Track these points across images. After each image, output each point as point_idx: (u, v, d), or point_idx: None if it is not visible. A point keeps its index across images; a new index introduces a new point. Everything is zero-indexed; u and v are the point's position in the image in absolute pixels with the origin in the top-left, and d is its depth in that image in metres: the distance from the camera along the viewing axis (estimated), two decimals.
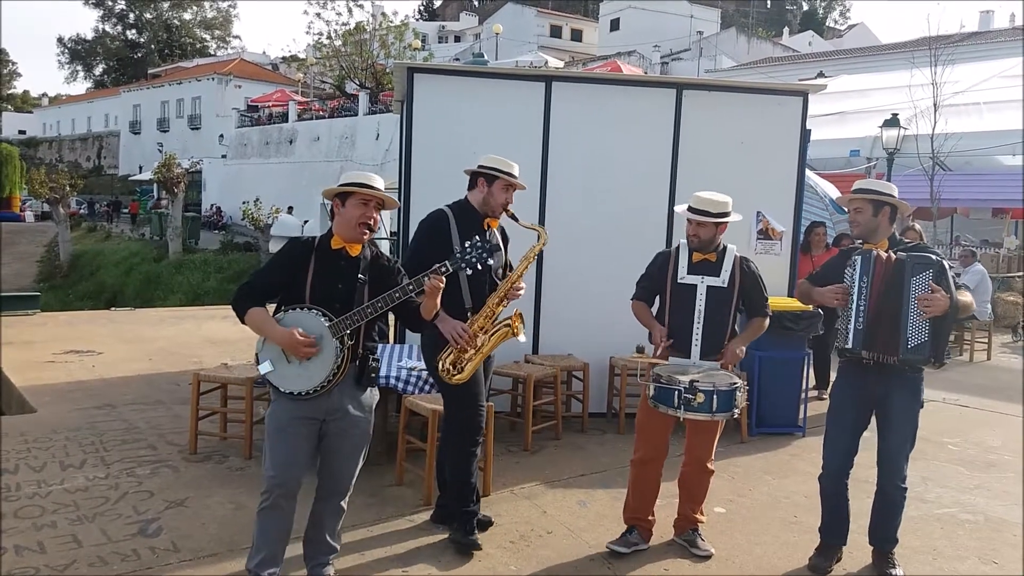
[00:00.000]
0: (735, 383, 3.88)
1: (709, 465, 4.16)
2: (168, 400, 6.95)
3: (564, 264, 6.18)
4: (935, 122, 15.83)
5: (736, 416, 4.01)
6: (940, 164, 15.97)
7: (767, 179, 6.72)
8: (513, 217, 4.13)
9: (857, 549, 4.10)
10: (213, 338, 10.10)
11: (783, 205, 6.79)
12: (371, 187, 3.42)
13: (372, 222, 3.40)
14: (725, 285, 4.06)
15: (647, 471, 4.15)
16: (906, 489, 3.91)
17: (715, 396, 3.80)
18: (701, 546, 4.14)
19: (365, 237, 3.44)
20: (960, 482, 5.46)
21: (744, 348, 4.06)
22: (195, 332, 10.66)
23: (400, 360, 5.43)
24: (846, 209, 4.02)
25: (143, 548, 4.00)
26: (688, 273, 4.08)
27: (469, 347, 3.88)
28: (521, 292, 4.07)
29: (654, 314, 4.20)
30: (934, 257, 3.71)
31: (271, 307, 3.47)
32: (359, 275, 3.43)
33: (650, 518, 4.22)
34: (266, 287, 3.47)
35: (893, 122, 15.39)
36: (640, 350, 6.25)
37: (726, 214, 4.07)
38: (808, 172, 8.35)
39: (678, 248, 4.18)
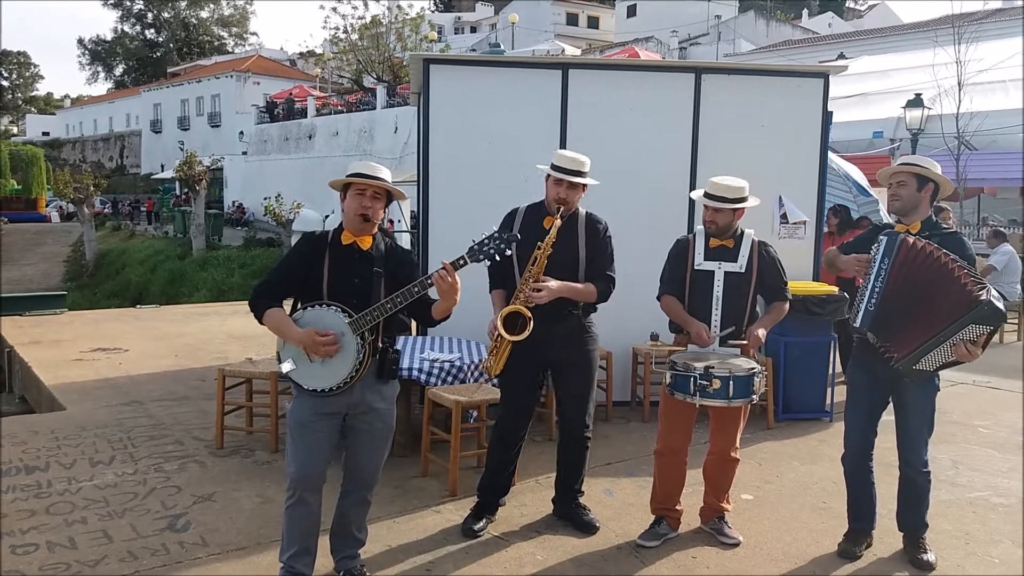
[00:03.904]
0: (753, 368, 3.83)
1: (734, 454, 4.12)
2: (194, 396, 7.01)
3: None
4: (959, 101, 15.59)
5: (755, 402, 3.95)
6: (965, 144, 15.74)
7: (789, 163, 6.64)
8: (561, 207, 3.94)
9: (888, 535, 4.05)
10: (237, 333, 10.17)
11: (806, 188, 6.71)
12: (366, 176, 3.36)
13: (370, 212, 3.34)
14: (743, 270, 4.02)
15: (671, 462, 4.12)
16: (929, 473, 3.85)
17: (731, 382, 3.76)
18: (729, 534, 4.11)
19: (367, 227, 3.38)
20: (992, 465, 5.38)
21: (766, 331, 4.01)
22: (219, 328, 10.75)
23: (423, 352, 5.43)
24: (888, 184, 3.87)
25: (172, 543, 4.03)
26: (705, 259, 4.04)
27: (492, 341, 3.94)
28: (542, 295, 3.84)
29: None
30: (1002, 308, 3.44)
31: (289, 303, 3.46)
32: (375, 268, 3.40)
33: (678, 508, 4.19)
34: (281, 285, 3.43)
35: (916, 102, 15.19)
36: (655, 337, 6.21)
37: (743, 199, 4.02)
38: (831, 155, 8.23)
39: (695, 235, 4.14)
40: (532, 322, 3.80)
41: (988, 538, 4.22)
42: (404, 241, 17.13)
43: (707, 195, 4.02)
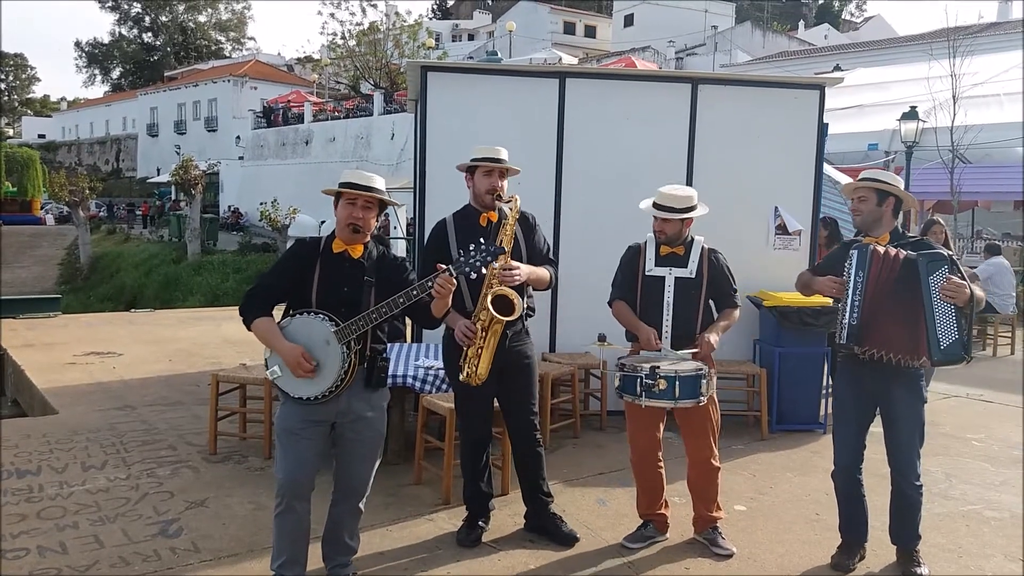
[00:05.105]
0: (700, 369, 3.85)
1: (713, 462, 4.10)
2: (188, 401, 6.99)
3: (580, 261, 6.14)
4: (954, 114, 15.65)
5: (703, 403, 3.92)
6: (960, 157, 15.79)
7: (784, 174, 6.65)
8: (498, 198, 3.98)
9: (882, 547, 4.05)
10: (231, 338, 10.14)
11: (801, 200, 6.72)
12: (356, 186, 3.36)
13: (361, 223, 3.35)
14: (693, 276, 4.06)
15: (645, 467, 4.15)
16: (921, 486, 3.85)
17: (677, 382, 3.78)
18: (722, 544, 4.10)
19: (358, 237, 3.39)
20: (985, 478, 5.39)
21: (718, 336, 4.00)
22: (214, 333, 10.72)
23: (417, 359, 5.42)
24: (849, 199, 3.97)
25: (164, 549, 4.02)
26: (656, 265, 4.09)
27: (474, 343, 3.85)
28: (516, 275, 3.82)
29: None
30: (945, 252, 3.67)
31: (280, 309, 3.46)
32: (365, 277, 3.40)
33: (661, 511, 4.22)
34: (273, 291, 3.45)
35: (911, 115, 15.22)
36: (602, 338, 6.17)
37: (691, 208, 4.06)
38: (826, 166, 8.26)
39: (646, 241, 4.18)
40: (518, 302, 3.80)
41: (981, 552, 4.22)
42: (400, 248, 17.13)
43: (656, 206, 4.06)
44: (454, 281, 3.30)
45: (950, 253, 3.70)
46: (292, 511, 3.39)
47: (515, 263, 3.88)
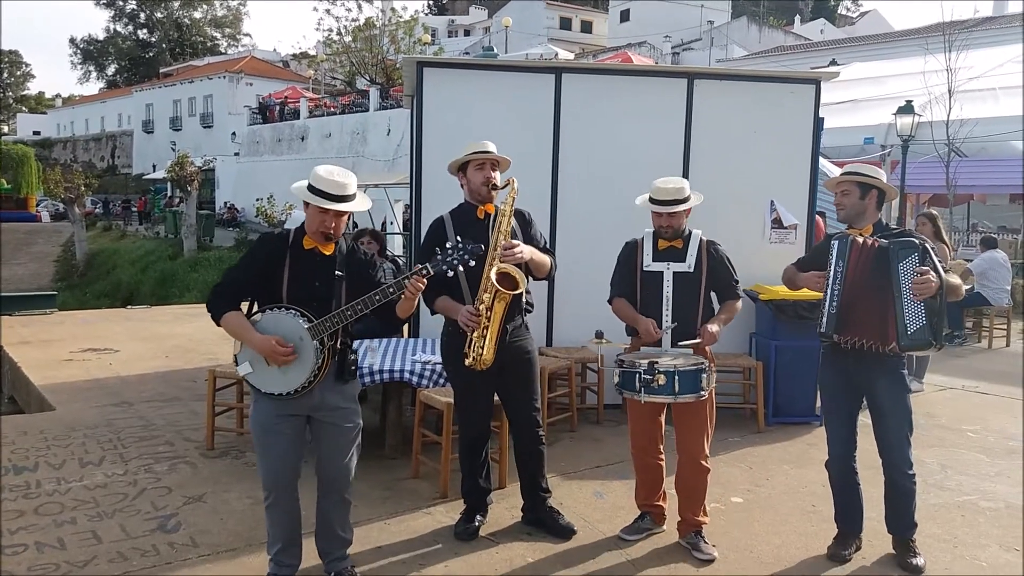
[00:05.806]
0: (700, 363, 3.84)
1: (703, 462, 4.04)
2: (185, 396, 6.99)
3: (576, 256, 6.14)
4: (950, 108, 15.68)
5: (704, 398, 3.90)
6: (955, 150, 15.82)
7: (780, 168, 6.67)
8: (495, 187, 4.05)
9: (877, 538, 4.07)
10: (228, 334, 10.12)
11: (797, 194, 6.74)
12: (328, 197, 3.31)
13: (332, 231, 3.35)
14: (692, 270, 4.05)
15: (645, 459, 4.15)
16: (914, 475, 3.88)
17: (676, 377, 3.77)
18: (704, 549, 4.02)
19: (329, 243, 3.39)
20: (980, 469, 5.42)
21: (720, 328, 3.98)
22: (210, 329, 10.59)
23: (414, 354, 5.43)
24: (834, 192, 3.99)
25: (162, 544, 4.02)
26: (654, 260, 4.08)
27: (479, 326, 3.82)
28: (518, 252, 3.84)
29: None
30: (917, 241, 3.70)
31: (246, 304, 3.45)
32: (336, 271, 3.40)
33: (659, 503, 4.23)
34: (240, 286, 3.42)
35: (907, 109, 15.24)
36: (599, 335, 6.21)
37: (689, 196, 4.07)
38: (822, 161, 8.27)
39: (643, 237, 4.17)
40: (521, 276, 3.83)
41: (976, 542, 4.24)
42: (396, 243, 17.12)
43: (659, 202, 4.04)
44: (424, 283, 3.31)
45: (922, 241, 3.71)
46: (280, 503, 3.44)
47: (516, 242, 3.90)
